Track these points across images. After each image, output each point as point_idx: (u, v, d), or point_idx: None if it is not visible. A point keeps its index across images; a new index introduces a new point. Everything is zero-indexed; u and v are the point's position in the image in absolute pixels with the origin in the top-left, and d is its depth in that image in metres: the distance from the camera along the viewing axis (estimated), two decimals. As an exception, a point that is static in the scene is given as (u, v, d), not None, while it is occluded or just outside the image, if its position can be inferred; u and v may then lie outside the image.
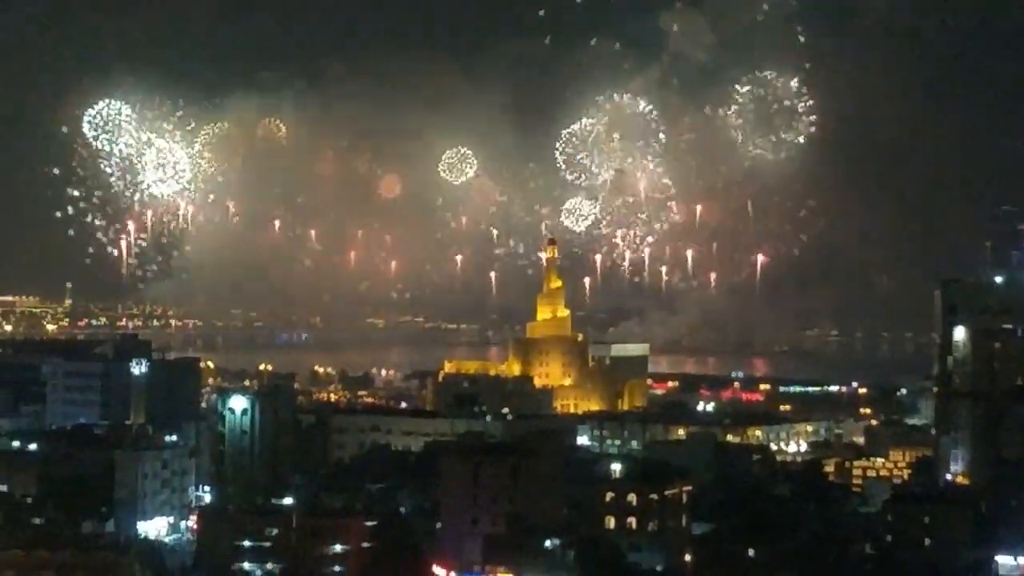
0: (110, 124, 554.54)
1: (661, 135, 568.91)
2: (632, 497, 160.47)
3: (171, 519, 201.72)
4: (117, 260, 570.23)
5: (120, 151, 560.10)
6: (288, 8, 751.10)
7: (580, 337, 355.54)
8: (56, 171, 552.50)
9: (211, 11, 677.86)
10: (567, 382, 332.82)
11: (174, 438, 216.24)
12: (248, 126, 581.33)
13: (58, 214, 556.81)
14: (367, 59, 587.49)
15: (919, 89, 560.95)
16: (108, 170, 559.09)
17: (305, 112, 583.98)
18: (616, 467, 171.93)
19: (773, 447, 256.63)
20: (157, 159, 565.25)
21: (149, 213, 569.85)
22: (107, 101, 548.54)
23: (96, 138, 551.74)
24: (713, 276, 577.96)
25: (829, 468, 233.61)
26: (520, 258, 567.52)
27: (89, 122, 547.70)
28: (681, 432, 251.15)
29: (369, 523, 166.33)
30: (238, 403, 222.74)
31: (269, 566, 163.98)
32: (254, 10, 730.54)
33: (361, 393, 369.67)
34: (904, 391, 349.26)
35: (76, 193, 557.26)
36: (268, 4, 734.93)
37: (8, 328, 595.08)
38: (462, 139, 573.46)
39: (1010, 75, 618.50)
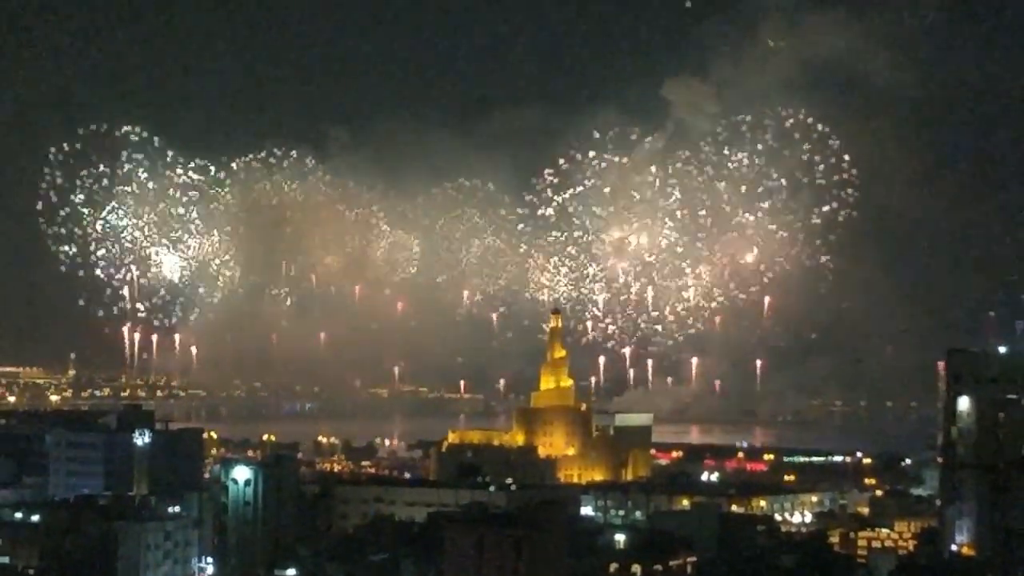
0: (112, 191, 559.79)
1: (664, 202, 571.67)
2: (636, 568, 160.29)
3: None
4: (120, 332, 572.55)
5: (121, 220, 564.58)
6: (293, 76, 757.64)
7: (584, 407, 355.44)
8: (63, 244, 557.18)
9: (214, 80, 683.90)
10: (571, 452, 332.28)
11: (177, 509, 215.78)
12: (251, 194, 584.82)
13: (61, 269, 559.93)
14: (370, 126, 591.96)
15: (924, 159, 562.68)
16: (109, 239, 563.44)
17: (309, 179, 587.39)
18: (620, 538, 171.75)
19: (778, 517, 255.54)
20: (159, 227, 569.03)
21: (153, 282, 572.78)
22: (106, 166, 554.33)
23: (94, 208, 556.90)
24: (717, 345, 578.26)
25: (834, 539, 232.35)
26: (524, 328, 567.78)
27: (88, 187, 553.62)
28: (685, 502, 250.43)
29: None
30: (241, 474, 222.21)
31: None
32: (259, 76, 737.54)
33: (364, 463, 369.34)
34: (909, 461, 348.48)
35: (80, 271, 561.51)
36: (273, 72, 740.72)
37: (12, 399, 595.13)
38: (465, 206, 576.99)
39: (1012, 142, 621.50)
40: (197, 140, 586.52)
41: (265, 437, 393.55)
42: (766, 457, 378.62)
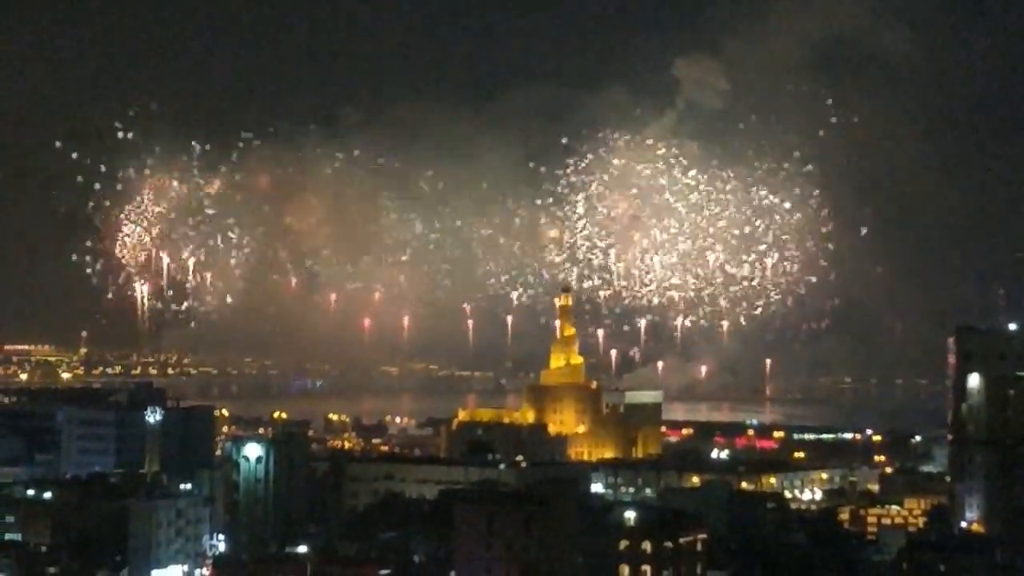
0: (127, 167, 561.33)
1: (675, 181, 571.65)
2: (647, 545, 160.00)
3: (185, 568, 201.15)
4: (132, 308, 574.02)
5: (136, 197, 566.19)
6: (306, 57, 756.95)
7: (594, 384, 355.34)
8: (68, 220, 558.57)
9: (229, 58, 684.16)
10: (581, 430, 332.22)
11: (188, 486, 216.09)
12: (265, 173, 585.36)
13: (74, 257, 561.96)
14: (384, 107, 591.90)
15: (936, 136, 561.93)
16: (125, 218, 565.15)
17: (323, 160, 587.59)
18: (630, 515, 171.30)
19: (788, 495, 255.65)
20: (173, 204, 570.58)
21: (165, 259, 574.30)
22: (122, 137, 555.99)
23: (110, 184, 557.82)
24: (726, 323, 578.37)
25: (844, 516, 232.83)
26: (535, 306, 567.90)
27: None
28: (695, 480, 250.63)
29: (383, 571, 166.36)
30: (252, 451, 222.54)
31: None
32: (271, 56, 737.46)
33: (375, 441, 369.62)
34: (918, 438, 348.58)
35: (88, 244, 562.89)
36: (287, 53, 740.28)
37: (23, 377, 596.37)
38: (478, 186, 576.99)
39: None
40: (207, 120, 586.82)
41: (276, 415, 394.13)
42: (776, 435, 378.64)
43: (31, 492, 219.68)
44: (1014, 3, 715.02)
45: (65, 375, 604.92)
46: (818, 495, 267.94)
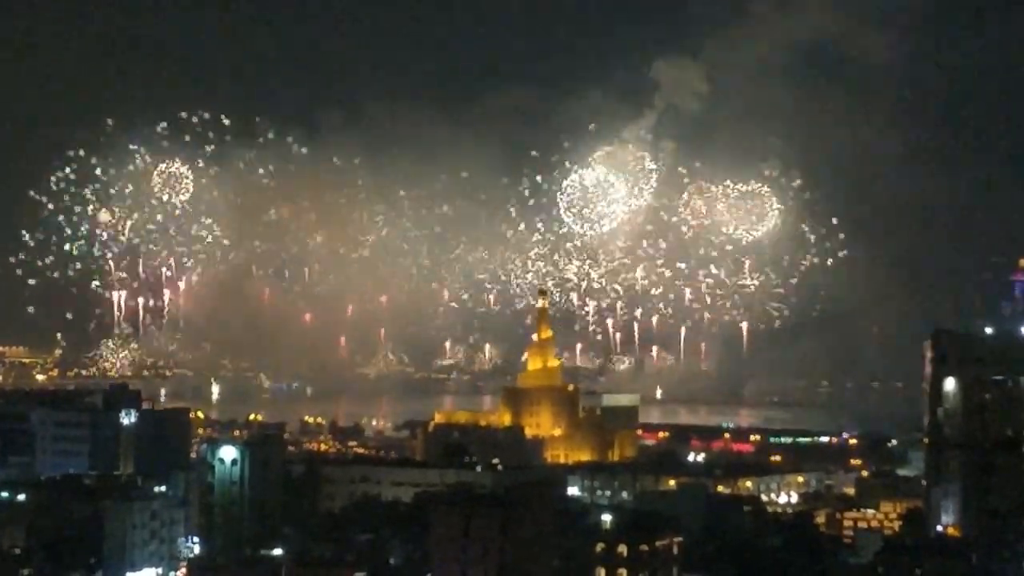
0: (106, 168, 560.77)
1: (653, 184, 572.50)
2: (623, 548, 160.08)
3: (160, 570, 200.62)
4: (108, 309, 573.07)
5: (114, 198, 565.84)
6: (284, 59, 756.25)
7: (571, 387, 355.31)
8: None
9: (206, 62, 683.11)
10: (557, 432, 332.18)
11: (163, 488, 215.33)
12: (243, 175, 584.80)
13: (50, 259, 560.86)
14: (362, 110, 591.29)
15: (915, 140, 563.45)
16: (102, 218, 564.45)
17: (301, 161, 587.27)
18: (606, 518, 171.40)
19: (764, 498, 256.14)
20: (152, 205, 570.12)
21: (141, 261, 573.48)
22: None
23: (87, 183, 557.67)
24: (704, 327, 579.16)
25: (820, 519, 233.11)
26: (511, 308, 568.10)
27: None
28: (672, 483, 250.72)
29: (358, 574, 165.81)
30: (228, 453, 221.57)
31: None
32: (251, 59, 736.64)
33: (351, 443, 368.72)
34: (895, 442, 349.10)
35: (66, 247, 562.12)
36: (265, 55, 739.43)
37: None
38: (455, 189, 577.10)
39: (1005, 124, 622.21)
40: (188, 122, 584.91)
41: (252, 417, 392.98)
42: (752, 438, 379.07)
43: (5, 494, 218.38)
44: (994, 6, 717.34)
45: (40, 376, 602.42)
46: (794, 498, 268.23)
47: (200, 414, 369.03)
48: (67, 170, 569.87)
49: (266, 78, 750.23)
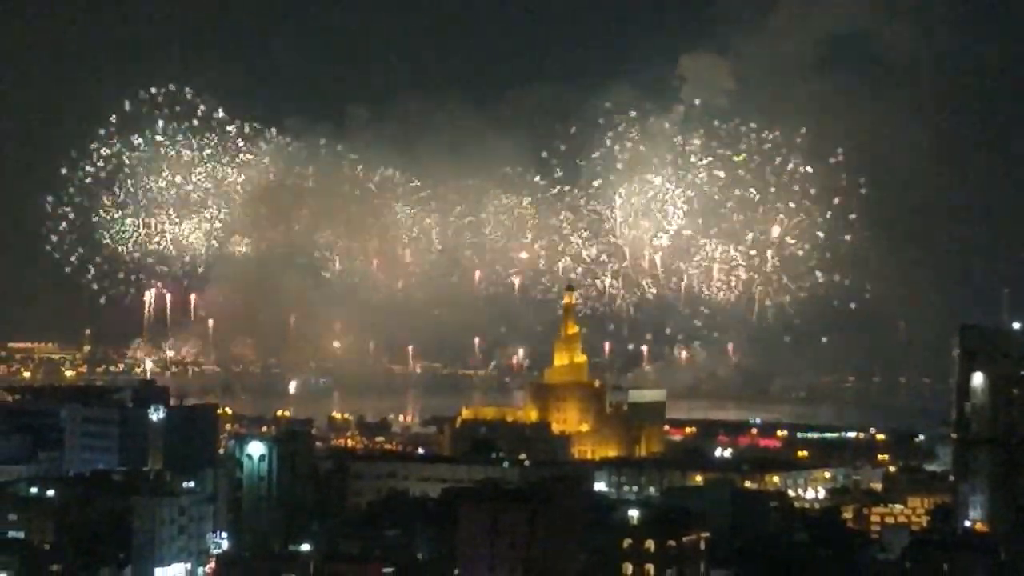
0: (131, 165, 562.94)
1: (679, 181, 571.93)
2: (650, 544, 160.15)
3: (188, 566, 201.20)
4: (137, 305, 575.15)
5: (141, 193, 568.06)
6: (313, 53, 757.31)
7: (598, 383, 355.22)
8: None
9: (237, 54, 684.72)
10: (584, 428, 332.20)
11: (191, 484, 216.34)
12: (268, 171, 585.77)
13: (80, 250, 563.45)
14: (391, 104, 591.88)
15: (943, 135, 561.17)
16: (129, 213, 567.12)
17: (327, 157, 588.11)
18: (634, 513, 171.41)
19: (791, 493, 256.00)
20: (179, 201, 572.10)
21: (171, 255, 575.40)
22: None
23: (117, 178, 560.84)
24: (732, 323, 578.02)
25: (847, 515, 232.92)
26: (541, 303, 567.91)
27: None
28: (699, 478, 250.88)
29: (386, 570, 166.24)
30: (255, 449, 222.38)
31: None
32: (279, 54, 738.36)
33: (379, 439, 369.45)
34: (922, 437, 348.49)
35: (93, 239, 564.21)
36: (293, 50, 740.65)
37: (27, 374, 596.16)
38: (484, 184, 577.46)
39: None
40: (215, 117, 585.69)
41: (279, 413, 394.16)
42: (779, 433, 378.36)
43: (34, 490, 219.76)
44: (1020, 2, 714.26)
45: (68, 373, 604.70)
46: (821, 494, 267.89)
47: (228, 410, 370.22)
48: (95, 166, 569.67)
49: (294, 73, 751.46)
